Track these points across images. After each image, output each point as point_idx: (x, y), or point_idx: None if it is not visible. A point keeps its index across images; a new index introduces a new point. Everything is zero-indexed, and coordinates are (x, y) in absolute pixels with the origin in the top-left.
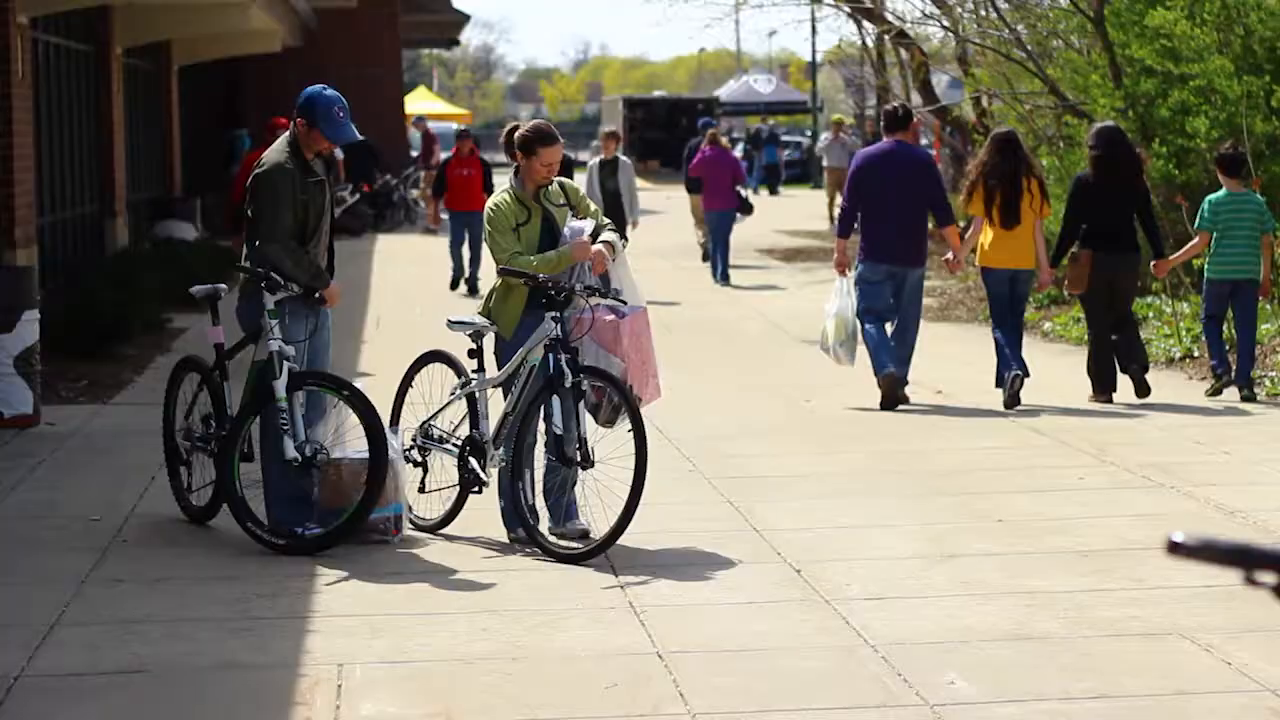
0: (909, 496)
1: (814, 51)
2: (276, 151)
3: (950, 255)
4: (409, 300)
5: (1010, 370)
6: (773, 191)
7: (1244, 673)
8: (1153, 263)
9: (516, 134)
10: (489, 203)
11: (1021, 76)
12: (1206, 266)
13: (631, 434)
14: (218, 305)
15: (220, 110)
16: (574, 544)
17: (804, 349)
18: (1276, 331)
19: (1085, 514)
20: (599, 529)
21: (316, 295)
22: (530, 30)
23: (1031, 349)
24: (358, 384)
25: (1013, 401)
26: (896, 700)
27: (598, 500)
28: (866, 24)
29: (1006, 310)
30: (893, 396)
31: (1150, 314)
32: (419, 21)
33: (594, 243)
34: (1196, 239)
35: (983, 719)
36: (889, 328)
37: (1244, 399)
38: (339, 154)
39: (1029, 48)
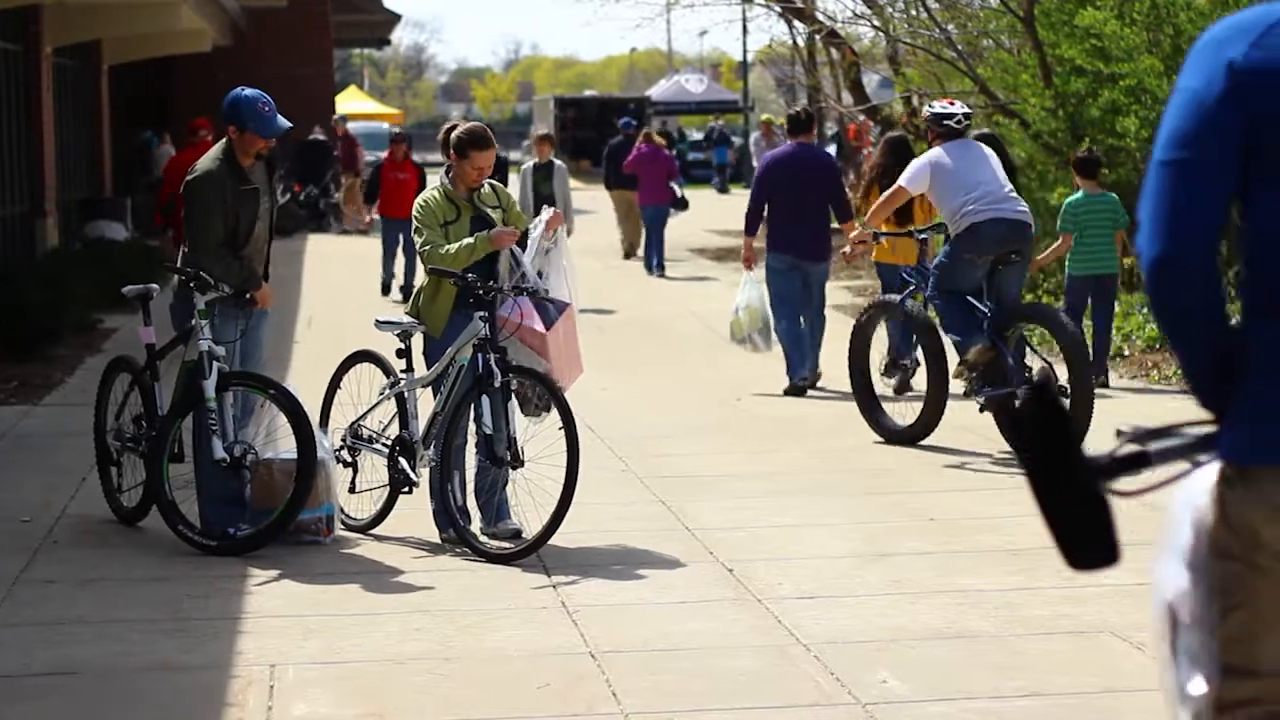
0: (841, 495)
1: (745, 51)
2: (209, 159)
3: (847, 249)
4: (340, 301)
5: (905, 359)
6: (722, 190)
7: None
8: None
9: (451, 135)
10: (418, 199)
11: (952, 76)
12: (1069, 264)
13: (563, 433)
14: (149, 305)
15: (151, 110)
16: (506, 544)
17: (736, 348)
18: (1145, 320)
19: (1016, 512)
20: (531, 529)
21: (248, 296)
22: (461, 30)
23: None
24: (288, 384)
25: (900, 391)
26: (829, 699)
27: (530, 500)
28: (798, 24)
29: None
30: (797, 391)
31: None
32: (350, 21)
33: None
34: (1060, 240)
35: (915, 717)
36: (802, 323)
37: (1099, 385)
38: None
39: (959, 47)
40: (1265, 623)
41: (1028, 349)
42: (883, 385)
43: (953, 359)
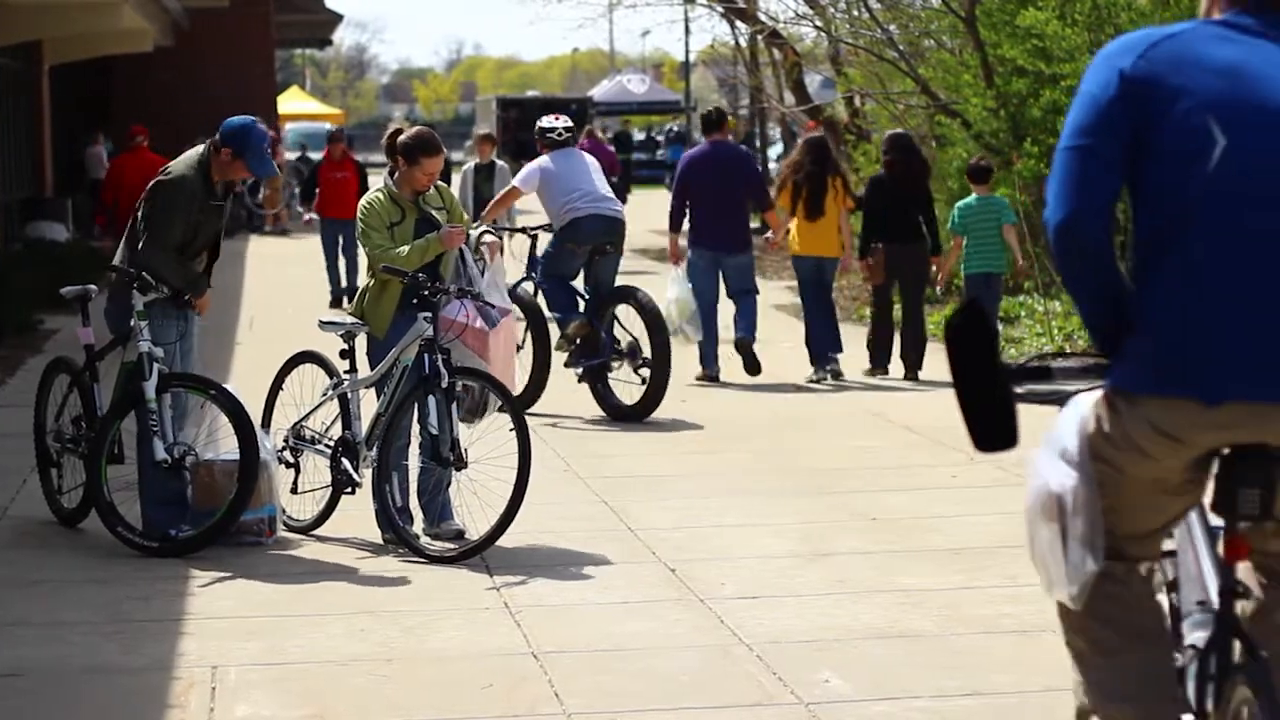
0: (783, 495)
1: (687, 51)
2: (185, 165)
3: (769, 234)
4: (282, 302)
5: (825, 352)
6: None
7: None
8: (930, 257)
9: (400, 139)
10: (362, 200)
11: (894, 76)
12: (963, 264)
13: (514, 435)
14: (87, 306)
15: (93, 110)
16: (449, 545)
17: (680, 348)
18: (1066, 313)
19: (958, 512)
20: (473, 530)
21: (186, 298)
22: (403, 30)
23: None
24: (230, 385)
25: (835, 376)
26: (771, 699)
27: (475, 500)
28: (740, 24)
29: (815, 294)
30: (707, 380)
31: (1023, 312)
32: (292, 21)
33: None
34: (954, 242)
35: (857, 717)
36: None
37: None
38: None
39: (901, 48)
40: (1130, 511)
41: (617, 326)
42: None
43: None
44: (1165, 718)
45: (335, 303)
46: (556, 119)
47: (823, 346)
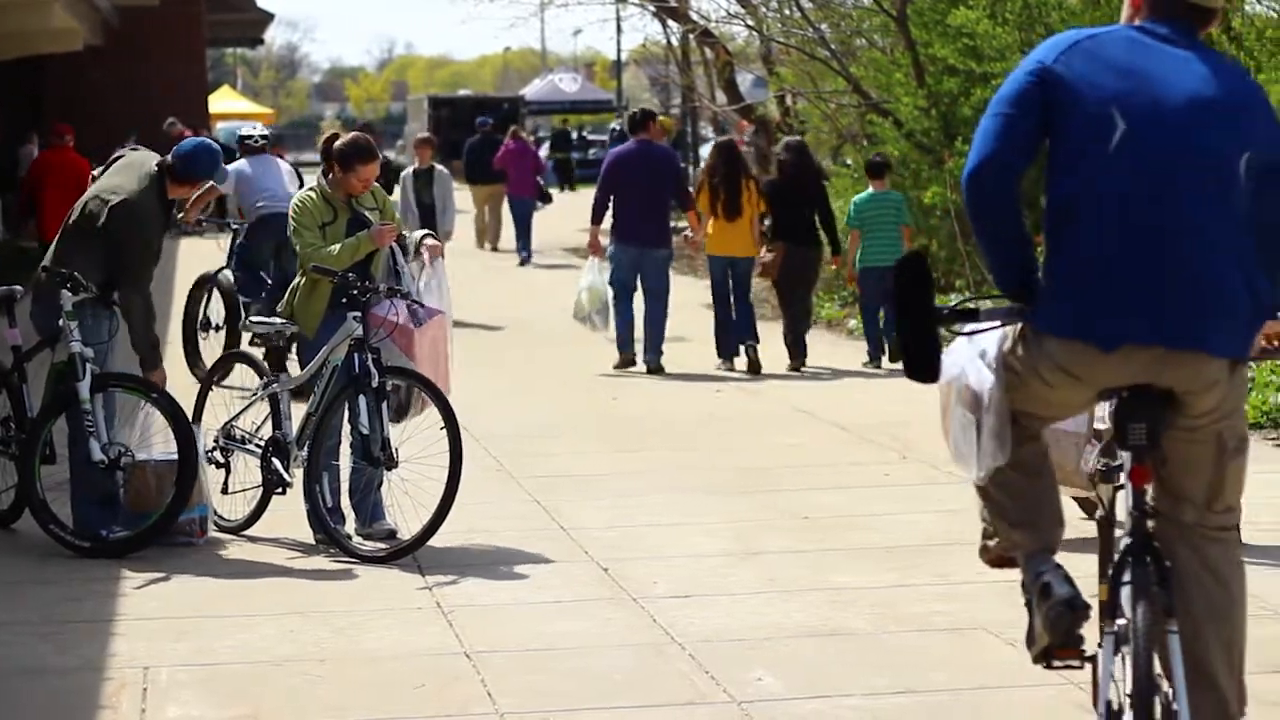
0: (715, 494)
1: (619, 50)
2: (143, 189)
3: (688, 233)
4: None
5: (744, 341)
6: None
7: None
8: (832, 256)
9: (336, 145)
10: (294, 199)
11: (825, 75)
12: (859, 258)
13: (445, 433)
14: (13, 307)
15: (25, 109)
16: (381, 544)
17: (611, 347)
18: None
19: (890, 510)
20: (405, 529)
21: (115, 300)
22: (335, 29)
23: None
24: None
25: (754, 369)
26: (704, 698)
27: (407, 500)
28: (671, 23)
29: (727, 292)
30: (625, 367)
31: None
32: (223, 20)
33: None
34: (851, 236)
35: (790, 715)
36: (642, 303)
37: (894, 359)
38: None
39: (833, 46)
40: (1030, 403)
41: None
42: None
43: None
44: (1051, 537)
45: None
46: (255, 127)
47: (731, 337)
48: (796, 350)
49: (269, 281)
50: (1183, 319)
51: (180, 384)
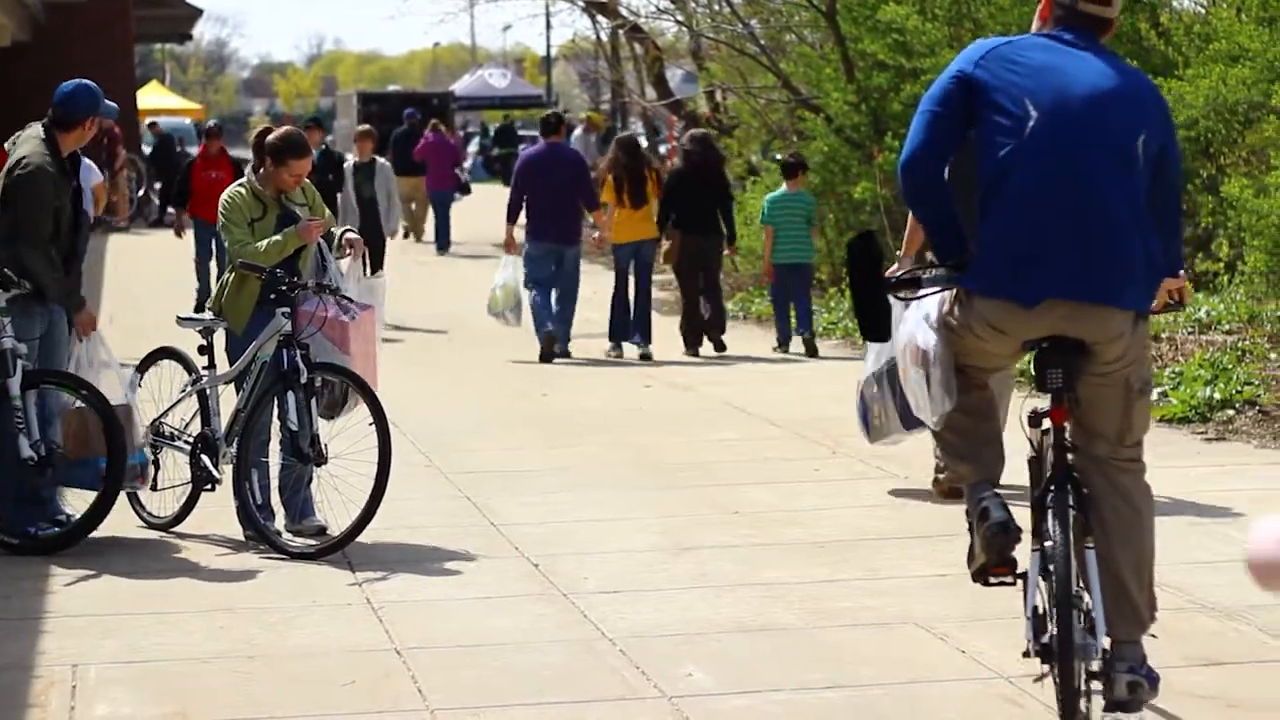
0: (646, 489)
1: (549, 46)
2: (37, 153)
3: (596, 234)
4: (142, 297)
5: (629, 331)
6: None
7: (977, 660)
8: (729, 246)
9: (268, 140)
10: (224, 195)
11: (755, 71)
12: (772, 254)
13: (374, 429)
14: None
15: None
16: (310, 541)
17: (503, 332)
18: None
19: (820, 505)
20: (335, 526)
21: (53, 302)
22: (263, 24)
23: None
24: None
25: (644, 359)
26: (635, 693)
27: (336, 496)
28: (601, 18)
29: (628, 280)
30: (550, 352)
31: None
32: (151, 16)
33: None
34: (765, 232)
35: (720, 710)
36: (553, 298)
37: (809, 352)
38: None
39: (762, 42)
40: (972, 356)
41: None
42: None
43: None
44: (993, 471)
45: (199, 308)
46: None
47: (628, 325)
48: (719, 333)
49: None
50: (1092, 278)
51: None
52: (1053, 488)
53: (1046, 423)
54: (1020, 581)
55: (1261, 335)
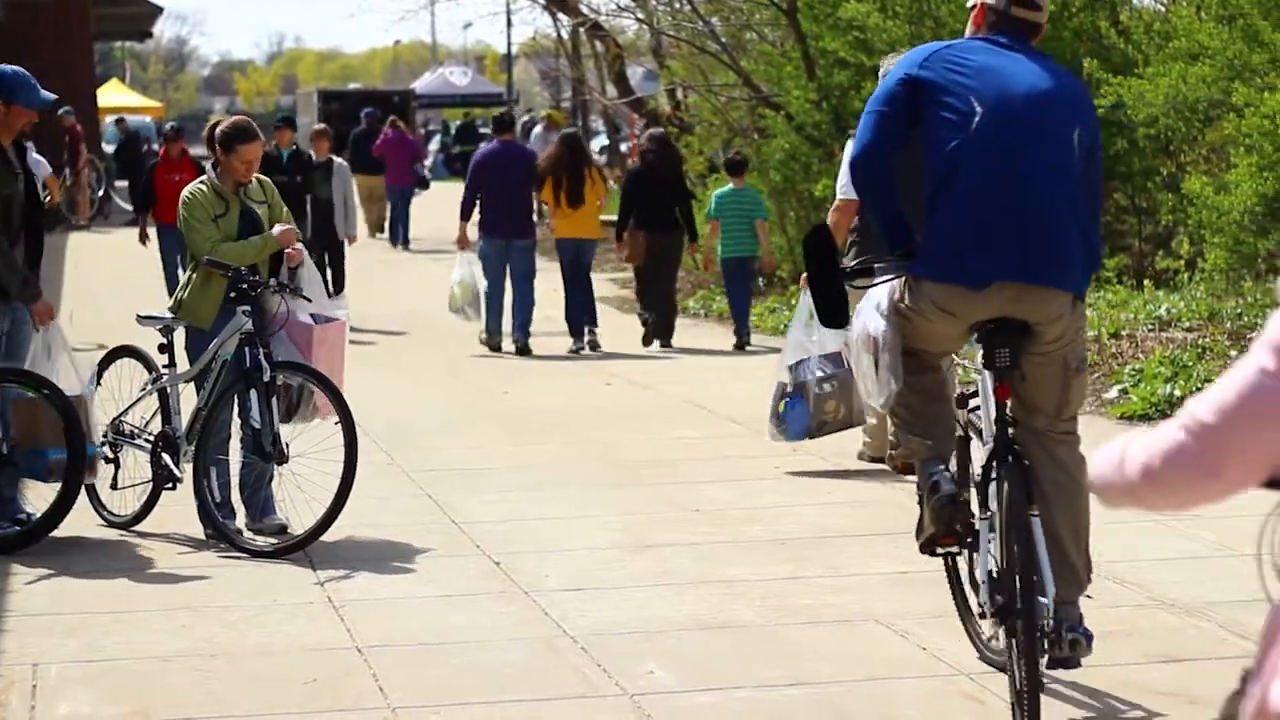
0: (607, 487)
1: (509, 44)
2: None
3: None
4: (103, 296)
5: (583, 325)
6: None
7: (938, 657)
8: (689, 243)
9: (217, 129)
10: (185, 192)
11: (716, 69)
12: (719, 248)
13: (340, 427)
14: None
15: None
16: (271, 539)
17: (460, 326)
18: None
19: (781, 503)
20: (296, 524)
21: (14, 298)
22: (223, 22)
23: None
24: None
25: (593, 347)
26: (596, 690)
27: (299, 494)
28: (561, 16)
29: (574, 273)
30: (495, 346)
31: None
32: (111, 14)
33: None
34: (710, 227)
35: (681, 708)
36: (509, 294)
37: (739, 346)
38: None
39: (723, 40)
40: (924, 340)
41: None
42: None
43: None
44: (944, 448)
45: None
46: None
47: (580, 319)
48: (667, 328)
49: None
50: (1035, 261)
51: None
52: (995, 459)
53: (974, 401)
54: (966, 551)
55: (1222, 333)
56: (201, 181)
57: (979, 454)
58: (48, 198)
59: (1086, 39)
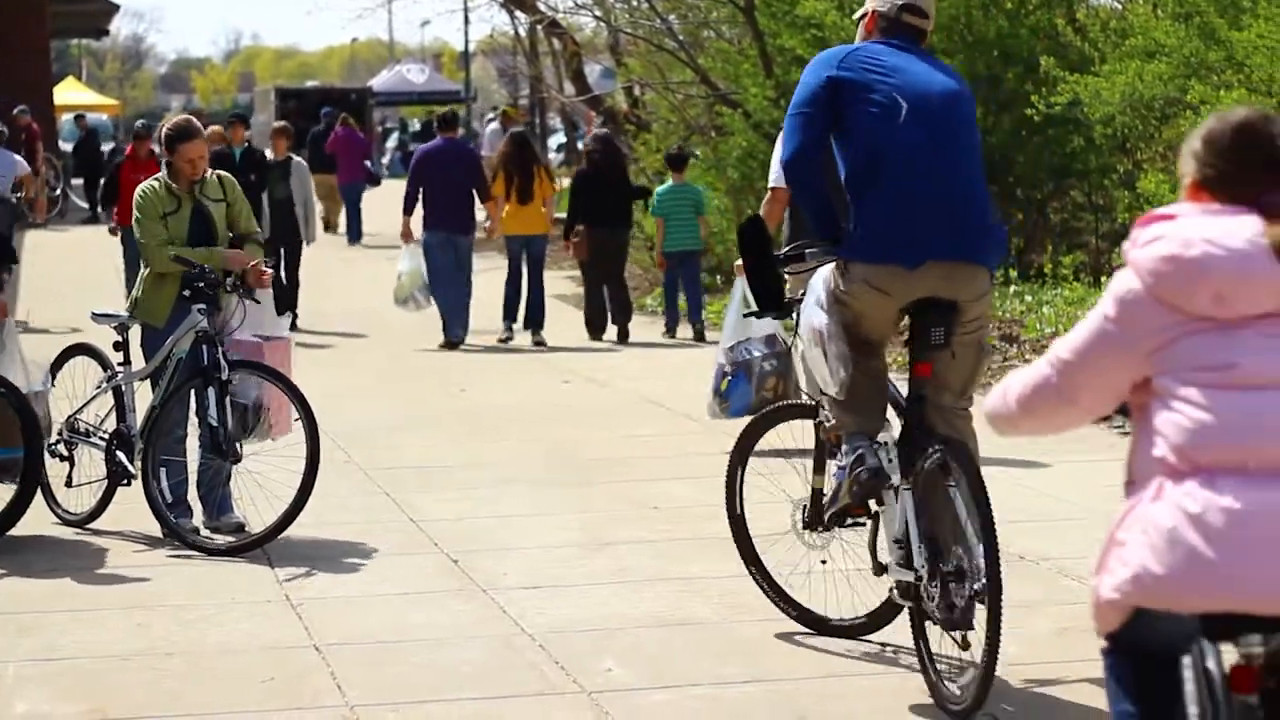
0: (564, 485)
1: (467, 41)
2: None
3: (487, 224)
4: (58, 293)
5: (536, 326)
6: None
7: (895, 654)
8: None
9: (164, 131)
10: (138, 189)
11: (674, 66)
12: (664, 243)
13: (302, 426)
14: None
15: None
16: (228, 538)
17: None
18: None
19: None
20: (253, 523)
21: None
22: (181, 20)
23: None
24: None
25: (540, 343)
26: (555, 688)
27: (259, 492)
28: (519, 13)
29: (521, 267)
30: (452, 348)
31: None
32: (67, 11)
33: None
34: (656, 223)
35: (639, 705)
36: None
37: (696, 337)
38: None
39: (681, 38)
40: (865, 325)
41: None
42: None
43: None
44: (874, 426)
45: None
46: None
47: (533, 312)
48: (624, 322)
49: None
50: (963, 242)
51: None
52: (914, 432)
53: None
54: (871, 522)
55: None
56: (155, 179)
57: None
58: (20, 196)
59: (1043, 36)
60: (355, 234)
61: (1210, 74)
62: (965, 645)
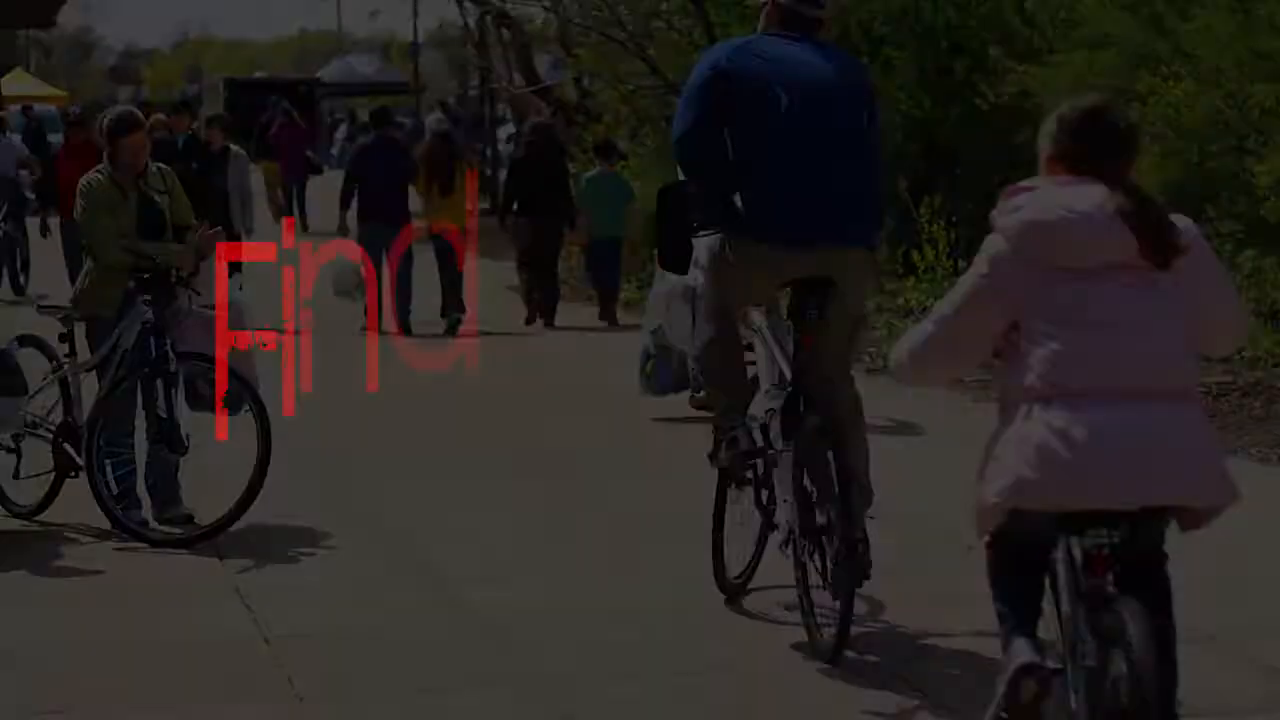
0: (520, 475)
1: (416, 32)
2: None
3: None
4: (4, 286)
5: (453, 311)
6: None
7: (850, 643)
8: (568, 229)
9: (103, 123)
10: (81, 181)
11: (624, 58)
12: (592, 231)
13: (253, 417)
14: None
15: None
16: (177, 529)
17: (416, 326)
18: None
19: (691, 488)
20: (210, 512)
21: None
22: (129, 10)
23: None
24: None
25: (453, 330)
26: (505, 678)
27: (207, 484)
28: (468, 4)
29: (448, 259)
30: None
31: None
32: (14, 1)
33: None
34: (580, 213)
35: (592, 696)
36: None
37: (602, 317)
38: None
39: (630, 29)
40: (737, 292)
41: None
42: None
43: None
44: (743, 398)
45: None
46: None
47: (452, 295)
48: (550, 309)
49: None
50: (844, 223)
51: None
52: (796, 400)
53: (749, 355)
54: (749, 487)
55: None
56: (99, 171)
57: (760, 399)
58: (28, 173)
59: (991, 27)
60: (302, 224)
61: (1158, 64)
62: (836, 596)
